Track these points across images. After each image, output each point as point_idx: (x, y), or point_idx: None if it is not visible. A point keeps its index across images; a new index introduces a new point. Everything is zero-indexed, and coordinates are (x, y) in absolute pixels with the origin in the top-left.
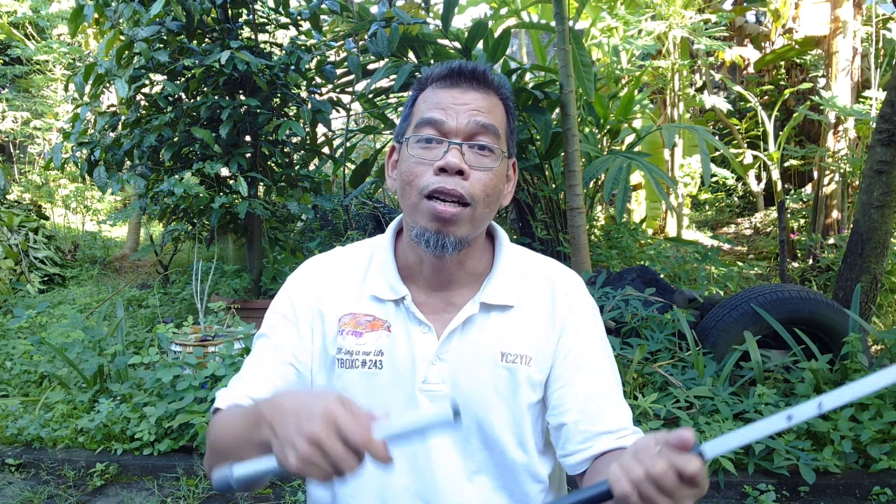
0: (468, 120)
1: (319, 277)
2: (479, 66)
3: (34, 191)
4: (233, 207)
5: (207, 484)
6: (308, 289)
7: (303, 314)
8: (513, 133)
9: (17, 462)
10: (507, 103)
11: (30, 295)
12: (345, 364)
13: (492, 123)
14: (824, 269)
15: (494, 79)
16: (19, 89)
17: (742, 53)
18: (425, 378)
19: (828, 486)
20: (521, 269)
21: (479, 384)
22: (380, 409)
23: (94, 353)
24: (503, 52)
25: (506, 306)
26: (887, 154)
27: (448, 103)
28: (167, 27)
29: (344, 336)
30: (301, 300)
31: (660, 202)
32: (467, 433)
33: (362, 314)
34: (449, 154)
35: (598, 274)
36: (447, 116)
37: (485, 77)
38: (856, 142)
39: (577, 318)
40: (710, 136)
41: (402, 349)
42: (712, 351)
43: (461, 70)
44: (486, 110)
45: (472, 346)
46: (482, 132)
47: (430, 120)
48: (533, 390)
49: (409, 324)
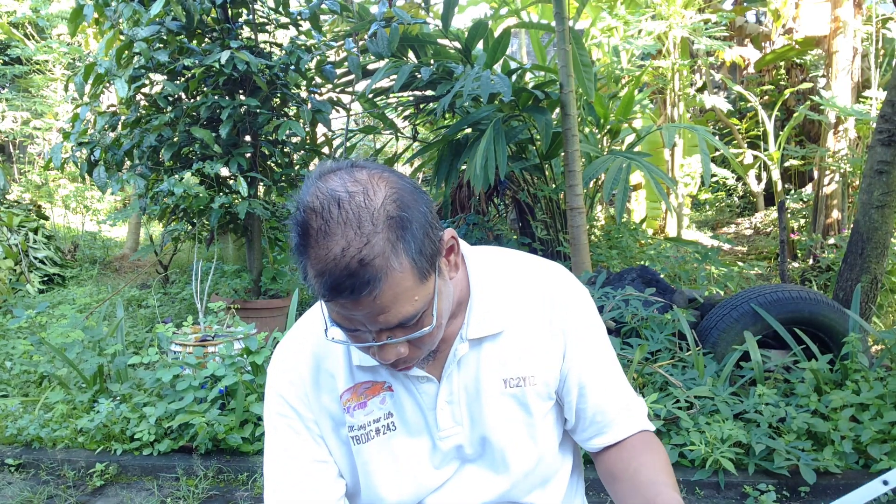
0: (378, 328)
1: (303, 366)
2: (353, 279)
3: (34, 191)
4: (233, 207)
5: (207, 484)
6: (296, 382)
7: (303, 409)
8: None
9: (17, 462)
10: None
11: (29, 295)
12: (360, 440)
13: (404, 317)
14: (824, 269)
15: (373, 265)
16: (19, 89)
17: (742, 53)
18: (438, 426)
19: (828, 487)
20: (500, 287)
21: (492, 416)
22: (406, 470)
23: (94, 353)
24: (503, 52)
25: (494, 334)
26: (887, 154)
27: (345, 315)
28: (167, 27)
29: (351, 413)
30: (294, 396)
31: (660, 202)
32: (492, 463)
33: (359, 384)
34: (381, 351)
35: (598, 274)
36: (354, 325)
37: (365, 285)
38: (856, 142)
39: (576, 321)
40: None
41: (409, 404)
42: (712, 351)
43: (337, 290)
44: (389, 305)
45: (473, 381)
46: (399, 327)
47: (339, 325)
48: (544, 401)
49: (406, 379)
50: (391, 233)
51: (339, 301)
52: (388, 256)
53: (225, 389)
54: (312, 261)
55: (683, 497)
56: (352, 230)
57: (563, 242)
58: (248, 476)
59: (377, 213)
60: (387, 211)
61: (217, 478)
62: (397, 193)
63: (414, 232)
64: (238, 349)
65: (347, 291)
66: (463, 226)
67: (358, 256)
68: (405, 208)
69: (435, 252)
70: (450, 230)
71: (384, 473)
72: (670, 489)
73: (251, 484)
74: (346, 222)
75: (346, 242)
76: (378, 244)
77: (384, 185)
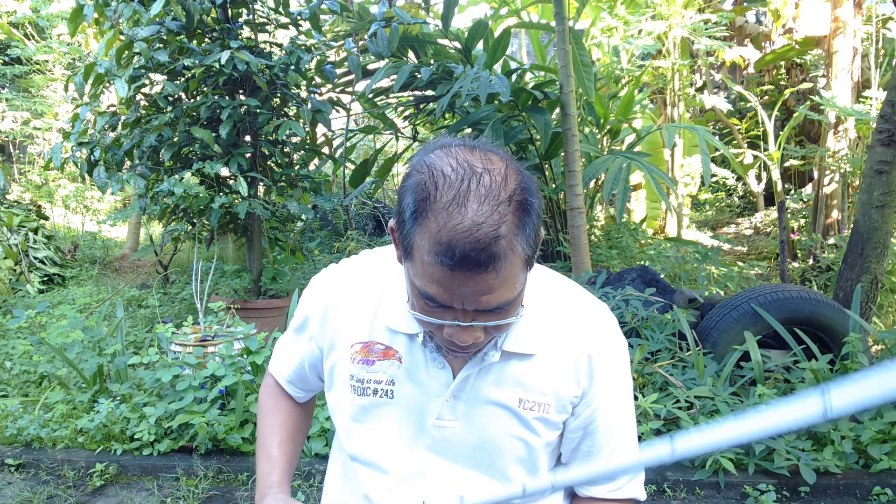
0: (475, 307)
1: (341, 295)
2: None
3: (34, 191)
4: (233, 207)
5: (207, 484)
6: (329, 305)
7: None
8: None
9: (17, 462)
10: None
11: (29, 295)
12: (357, 391)
13: (503, 301)
14: (824, 269)
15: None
16: (19, 89)
17: (742, 53)
18: (440, 415)
19: (828, 487)
20: (548, 310)
21: (495, 427)
22: (384, 437)
23: (94, 353)
24: (503, 52)
25: (527, 354)
26: (887, 154)
27: (450, 286)
28: (167, 27)
29: (354, 364)
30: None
31: (660, 202)
32: (480, 467)
33: (374, 342)
34: (460, 332)
35: (598, 274)
36: (451, 299)
37: (491, 261)
38: (856, 142)
39: (606, 369)
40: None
41: (415, 381)
42: (712, 351)
43: (461, 262)
44: (496, 287)
45: (490, 388)
46: (494, 312)
47: (431, 298)
48: (549, 430)
49: (422, 357)
50: (518, 217)
51: (461, 273)
52: (512, 239)
53: (225, 389)
54: (437, 228)
55: (684, 497)
56: (489, 206)
57: (563, 242)
58: (248, 476)
59: (512, 196)
60: (518, 195)
61: (217, 478)
62: (526, 181)
63: (533, 220)
64: (238, 349)
65: (473, 265)
66: None
67: (494, 233)
68: (531, 195)
69: (538, 244)
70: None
71: (365, 431)
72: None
73: (251, 484)
74: (484, 197)
75: (483, 217)
76: (509, 225)
77: (515, 169)
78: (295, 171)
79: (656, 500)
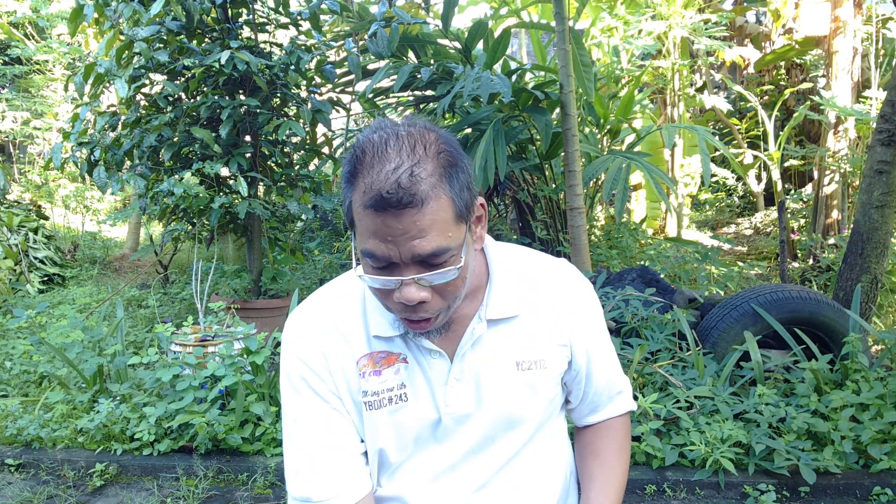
0: (412, 254)
1: (320, 331)
2: (401, 190)
3: (34, 191)
4: (233, 207)
5: (207, 484)
6: (314, 346)
7: (322, 371)
8: (463, 188)
9: (17, 462)
10: (445, 175)
11: (29, 295)
12: (373, 406)
13: (437, 247)
14: (824, 269)
15: (421, 185)
16: (19, 89)
17: (742, 53)
18: (447, 402)
19: (828, 487)
20: (517, 275)
21: (501, 396)
22: (409, 438)
23: (94, 353)
24: (503, 52)
25: (511, 317)
26: (887, 154)
27: (383, 233)
28: (167, 27)
29: (366, 378)
30: (313, 359)
31: (660, 202)
32: (496, 441)
33: (376, 352)
34: (404, 290)
35: (598, 274)
36: (388, 250)
37: (411, 197)
38: (856, 142)
39: (582, 313)
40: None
41: (421, 378)
42: (712, 351)
43: (384, 201)
44: (426, 230)
45: (486, 360)
46: (430, 258)
47: (371, 254)
48: (551, 385)
49: (420, 353)
50: (439, 165)
51: (387, 215)
52: (434, 182)
53: (225, 389)
54: (363, 181)
55: (684, 497)
56: (406, 153)
57: (563, 242)
58: (248, 476)
59: (430, 146)
60: (438, 147)
61: (217, 478)
62: (447, 140)
63: (458, 174)
64: (238, 349)
65: (395, 201)
66: None
67: (409, 171)
68: (454, 151)
69: (471, 204)
70: (481, 199)
71: (390, 439)
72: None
73: (251, 484)
74: (401, 148)
75: (400, 161)
76: (428, 168)
77: (433, 132)
78: (295, 171)
79: (656, 500)
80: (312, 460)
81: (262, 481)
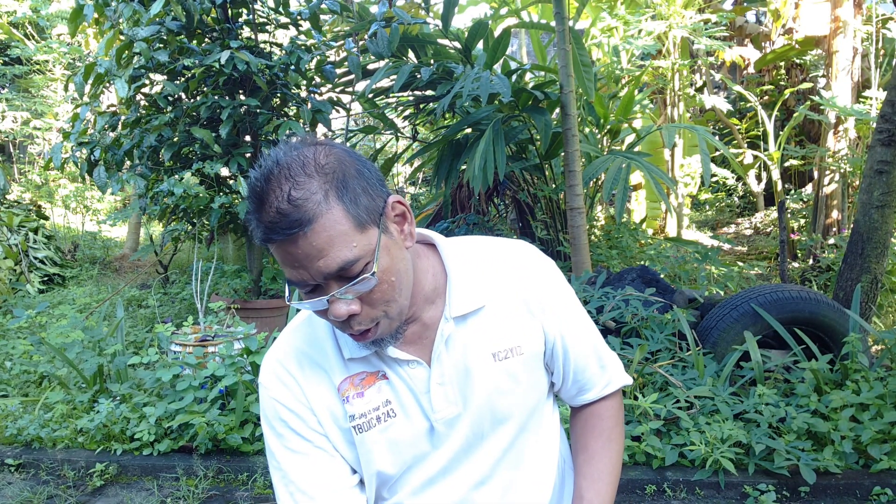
0: (321, 273)
1: (294, 367)
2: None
3: (34, 191)
4: (233, 207)
5: (207, 484)
6: (290, 385)
7: (302, 411)
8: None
9: (17, 462)
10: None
11: (29, 295)
12: (362, 428)
13: (343, 261)
14: (824, 269)
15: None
16: (19, 89)
17: (742, 53)
18: (432, 408)
19: (828, 487)
20: (475, 266)
21: (483, 390)
22: (406, 453)
23: (94, 353)
24: (503, 52)
25: (477, 310)
26: (887, 154)
27: (290, 261)
28: (167, 27)
29: (350, 402)
30: (291, 400)
31: (660, 202)
32: (485, 437)
33: (355, 374)
34: (332, 307)
35: (598, 274)
36: (300, 275)
37: (295, 223)
38: (856, 142)
39: (547, 292)
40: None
41: (404, 390)
42: (712, 351)
43: (273, 233)
44: (325, 248)
45: (462, 359)
46: (341, 273)
47: (290, 282)
48: (532, 371)
49: (398, 366)
50: (325, 180)
51: (282, 243)
52: (318, 200)
53: (225, 389)
54: (254, 218)
55: (684, 497)
56: (284, 179)
57: (563, 242)
58: (248, 476)
59: (308, 165)
60: (318, 163)
61: (217, 478)
62: (332, 153)
63: (349, 182)
64: (238, 349)
65: (280, 229)
66: (463, 226)
67: (287, 197)
68: (339, 163)
69: (374, 207)
70: (396, 197)
71: (386, 458)
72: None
73: (251, 484)
74: (280, 175)
75: (280, 189)
76: (308, 188)
77: (321, 147)
78: None
79: (656, 500)
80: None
81: (262, 481)
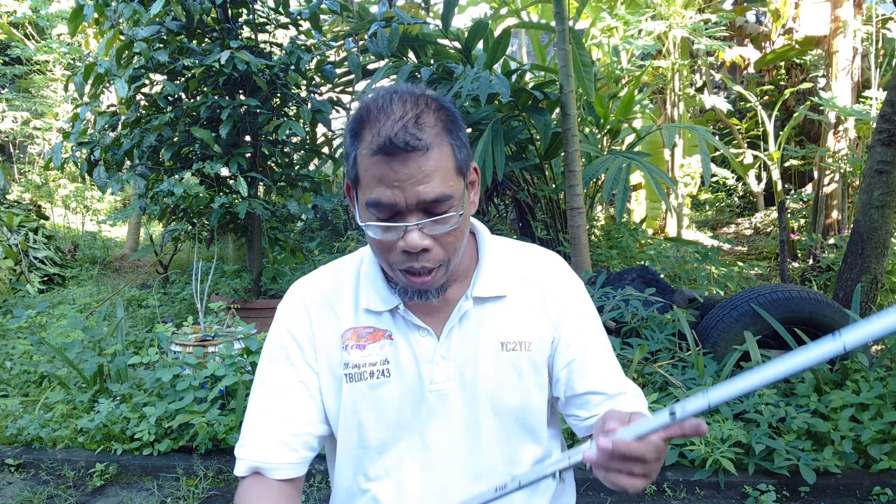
0: (417, 199)
1: (312, 303)
2: (408, 134)
3: (34, 191)
4: (233, 207)
5: (207, 484)
6: (303, 317)
7: (305, 344)
8: (462, 145)
9: (17, 462)
10: (446, 128)
11: (29, 295)
12: (353, 378)
13: (441, 193)
14: (824, 269)
15: (426, 132)
16: (19, 89)
17: (742, 53)
18: (431, 379)
19: (828, 487)
20: (506, 259)
21: (485, 376)
22: (390, 416)
23: (94, 353)
24: (503, 52)
25: (499, 297)
26: (887, 154)
27: (390, 179)
28: (167, 27)
29: (349, 351)
30: (299, 331)
31: (660, 202)
32: (481, 425)
33: (362, 327)
34: (408, 236)
35: (598, 274)
36: (394, 196)
37: (417, 141)
38: (856, 142)
39: (568, 305)
40: (710, 136)
41: (406, 355)
42: (712, 351)
43: (392, 145)
44: (431, 175)
45: (472, 340)
46: (434, 204)
47: (377, 203)
48: (537, 372)
49: (408, 330)
50: (440, 120)
51: (394, 159)
52: (438, 132)
53: (225, 389)
54: (370, 131)
55: (684, 497)
56: (409, 106)
57: (563, 242)
58: None
59: (431, 103)
60: (438, 105)
61: (217, 478)
62: (447, 102)
63: (458, 131)
64: (238, 349)
65: (402, 143)
66: None
67: (414, 119)
68: (452, 111)
69: (468, 162)
70: (475, 163)
71: (369, 415)
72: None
73: None
74: (405, 102)
75: (405, 111)
76: (431, 119)
77: (434, 94)
78: (295, 171)
79: (656, 500)
80: (263, 425)
81: None
